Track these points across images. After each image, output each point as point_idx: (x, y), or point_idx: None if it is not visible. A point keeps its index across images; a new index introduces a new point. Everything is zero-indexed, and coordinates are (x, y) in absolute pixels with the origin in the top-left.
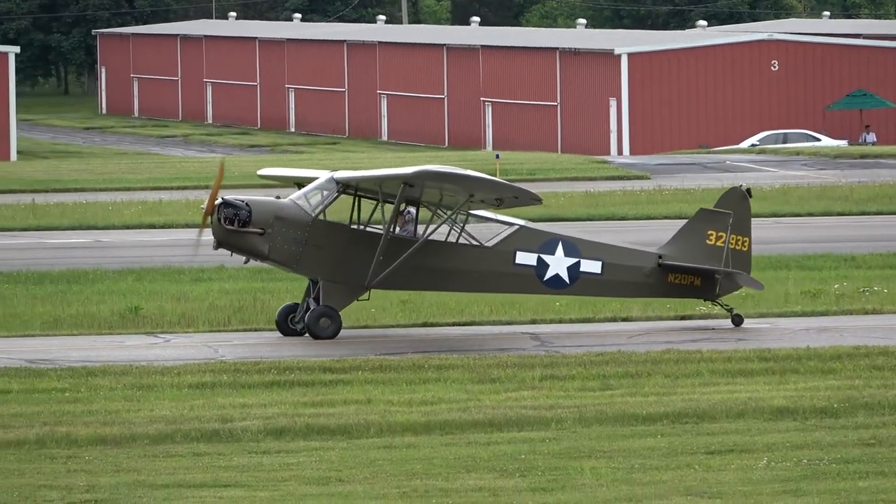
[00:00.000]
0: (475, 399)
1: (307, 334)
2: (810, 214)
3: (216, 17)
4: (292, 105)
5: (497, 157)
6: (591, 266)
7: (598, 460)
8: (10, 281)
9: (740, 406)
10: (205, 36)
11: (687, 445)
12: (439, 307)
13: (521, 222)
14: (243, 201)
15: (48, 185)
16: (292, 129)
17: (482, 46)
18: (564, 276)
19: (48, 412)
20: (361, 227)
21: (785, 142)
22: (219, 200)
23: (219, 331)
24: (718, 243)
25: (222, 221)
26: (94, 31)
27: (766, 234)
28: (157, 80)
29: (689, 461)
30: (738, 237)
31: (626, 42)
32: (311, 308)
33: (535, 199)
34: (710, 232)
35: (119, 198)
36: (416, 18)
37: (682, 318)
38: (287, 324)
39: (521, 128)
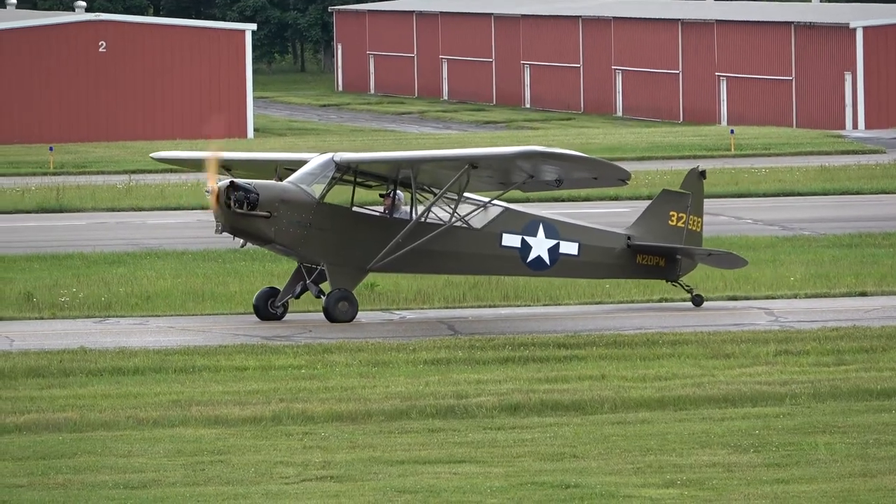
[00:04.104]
0: (709, 374)
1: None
2: None
3: None
4: (527, 81)
5: (731, 132)
6: (569, 248)
7: (832, 436)
8: (246, 258)
9: None
10: (440, 12)
11: None
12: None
13: (504, 204)
14: (250, 184)
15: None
16: (527, 105)
17: (716, 21)
18: (546, 257)
19: (284, 389)
20: (364, 209)
21: None
22: (226, 182)
23: (454, 307)
24: (679, 224)
25: (232, 205)
26: (330, 8)
27: None
28: (393, 57)
29: None
30: (694, 217)
31: (861, 15)
32: (329, 292)
33: (622, 179)
34: (672, 213)
35: None
36: None
37: None
38: (267, 308)
39: (756, 102)
